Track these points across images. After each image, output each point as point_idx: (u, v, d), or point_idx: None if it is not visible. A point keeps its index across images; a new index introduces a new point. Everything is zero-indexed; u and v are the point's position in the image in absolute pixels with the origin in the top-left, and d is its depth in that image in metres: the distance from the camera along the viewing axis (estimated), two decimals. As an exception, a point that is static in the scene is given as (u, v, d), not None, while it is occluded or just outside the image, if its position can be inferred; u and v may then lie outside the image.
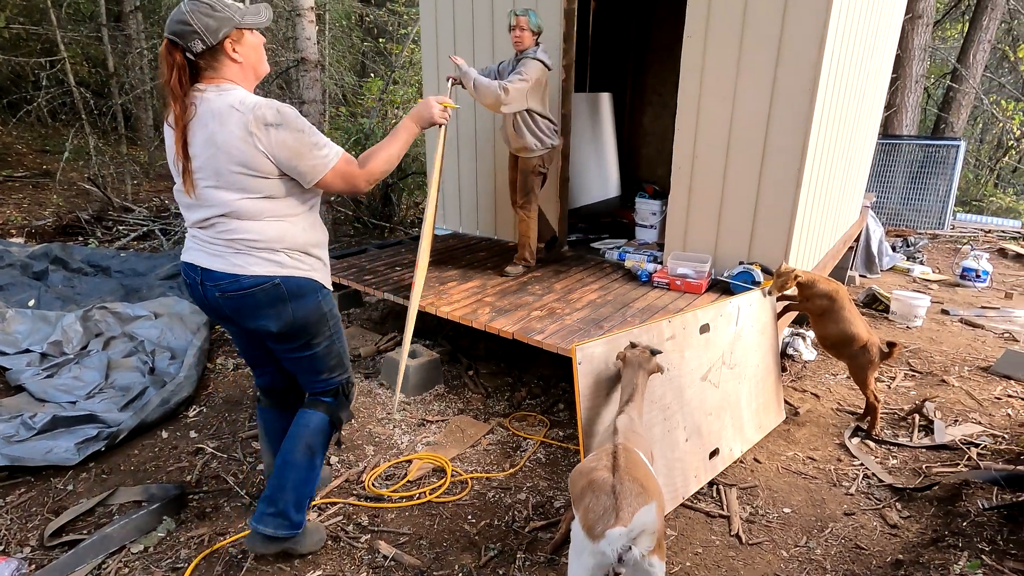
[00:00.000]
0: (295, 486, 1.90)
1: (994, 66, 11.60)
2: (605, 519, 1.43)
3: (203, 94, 1.61)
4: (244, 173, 1.60)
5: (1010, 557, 1.90)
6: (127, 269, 4.65)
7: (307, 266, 1.78)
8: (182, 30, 1.56)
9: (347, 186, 1.71)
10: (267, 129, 1.57)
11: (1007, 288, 5.60)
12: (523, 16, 3.36)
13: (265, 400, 2.12)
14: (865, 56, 4.00)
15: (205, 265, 1.70)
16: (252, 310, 1.72)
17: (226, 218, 1.65)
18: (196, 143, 1.61)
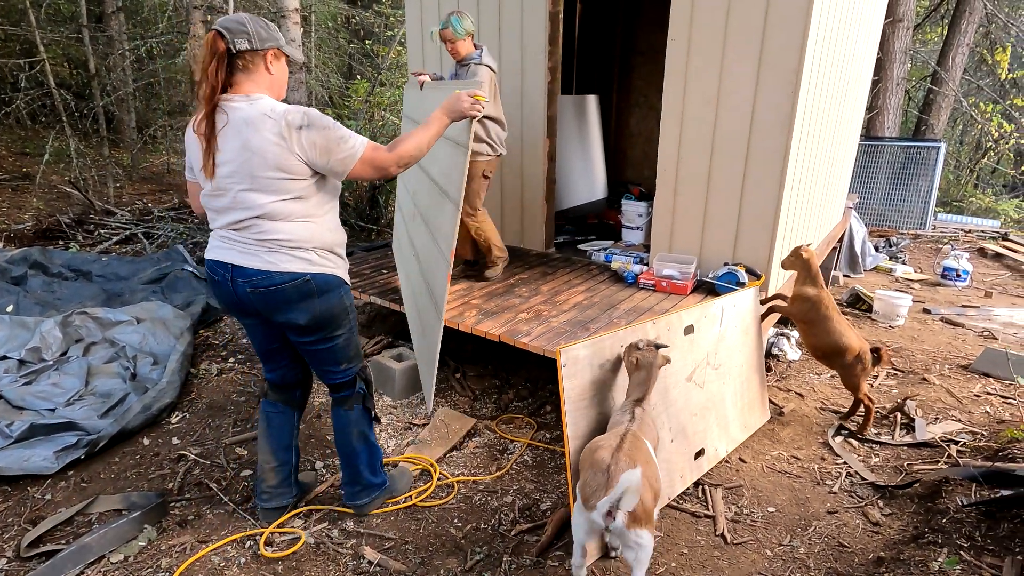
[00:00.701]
0: (366, 464, 2.20)
1: (973, 69, 11.82)
2: (598, 493, 1.66)
3: (233, 103, 1.73)
4: (278, 177, 1.73)
5: (988, 552, 1.93)
6: (109, 273, 4.58)
7: (332, 264, 1.93)
8: (235, 27, 1.72)
9: (377, 172, 1.83)
10: (298, 132, 1.70)
11: (987, 287, 5.70)
12: (445, 29, 3.18)
13: (273, 395, 2.19)
14: (846, 59, 4.06)
15: (237, 263, 1.82)
16: (283, 304, 1.86)
17: (260, 220, 1.78)
18: (228, 149, 1.72)
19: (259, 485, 2.21)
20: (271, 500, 2.21)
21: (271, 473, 2.19)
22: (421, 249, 2.89)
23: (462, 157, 2.22)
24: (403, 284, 3.39)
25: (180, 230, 5.87)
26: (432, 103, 3.14)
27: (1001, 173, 13.21)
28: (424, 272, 2.75)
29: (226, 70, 1.72)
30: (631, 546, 1.67)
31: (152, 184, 8.70)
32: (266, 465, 2.19)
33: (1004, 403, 3.22)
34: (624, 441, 1.81)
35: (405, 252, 3.36)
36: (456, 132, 2.34)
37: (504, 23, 4.04)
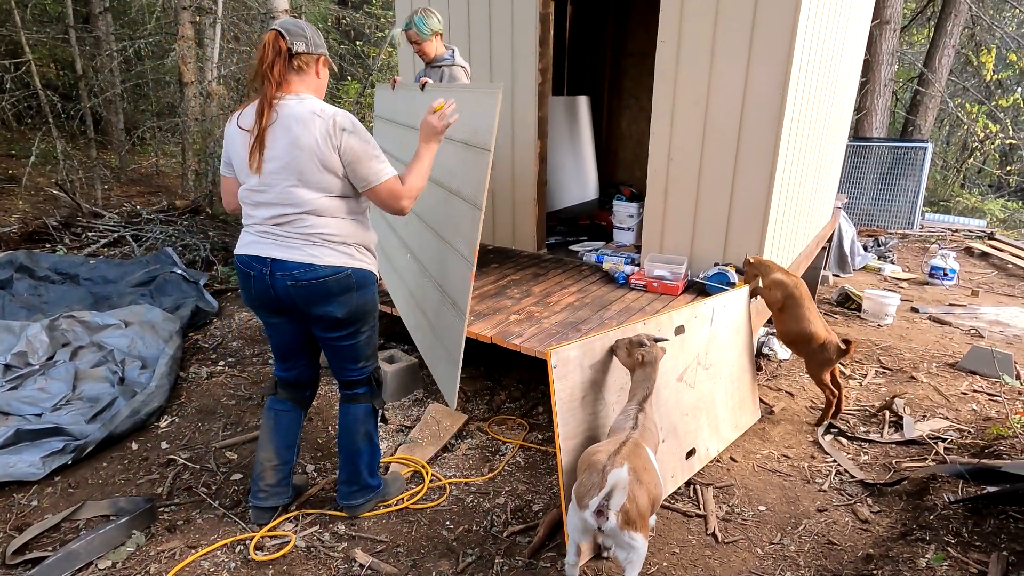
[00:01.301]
0: (366, 464, 2.22)
1: (959, 70, 11.97)
2: (591, 492, 1.69)
3: (283, 101, 1.80)
4: (325, 174, 1.81)
5: (974, 549, 1.95)
6: (97, 276, 4.53)
7: (369, 260, 2.02)
8: (294, 30, 1.82)
9: (392, 201, 1.90)
10: (342, 133, 1.79)
11: (973, 286, 5.77)
12: (409, 30, 3.01)
13: (283, 392, 2.21)
14: (834, 60, 4.09)
15: (278, 256, 1.87)
16: (323, 296, 1.91)
17: (307, 215, 1.85)
18: (277, 146, 1.79)
19: (256, 483, 2.19)
20: (268, 499, 2.19)
21: (271, 472, 2.18)
22: (423, 250, 2.85)
23: (480, 158, 2.21)
24: (393, 285, 3.38)
25: (169, 232, 5.82)
26: (404, 104, 3.11)
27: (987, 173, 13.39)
28: (433, 273, 2.72)
29: (284, 68, 1.81)
30: (624, 547, 1.68)
31: (141, 186, 8.63)
32: (267, 463, 2.17)
33: (990, 400, 3.26)
34: (623, 447, 1.82)
35: (394, 254, 3.35)
36: (464, 134, 2.32)
37: (494, 25, 4.04)
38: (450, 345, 2.48)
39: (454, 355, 2.43)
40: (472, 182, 2.28)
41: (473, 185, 2.26)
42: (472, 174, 2.29)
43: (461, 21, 4.20)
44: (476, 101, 2.24)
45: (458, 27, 4.23)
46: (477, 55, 4.17)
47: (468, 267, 2.29)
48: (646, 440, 1.92)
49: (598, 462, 1.77)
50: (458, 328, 2.39)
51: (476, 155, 2.26)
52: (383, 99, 3.63)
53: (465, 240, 2.34)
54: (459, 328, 2.38)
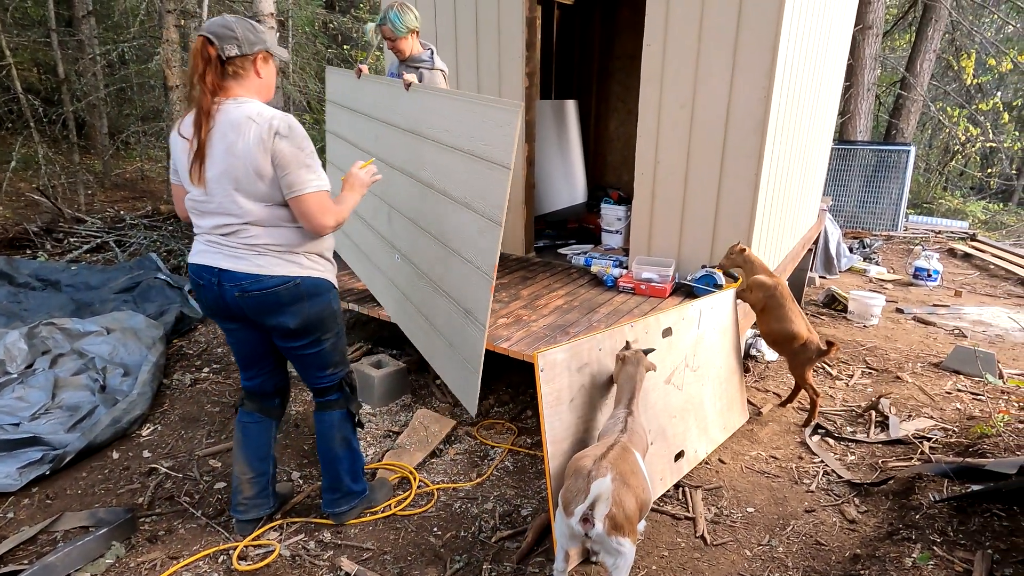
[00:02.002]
0: (347, 470, 2.17)
1: (940, 74, 12.18)
2: (576, 500, 1.68)
3: (222, 106, 1.73)
4: (260, 180, 1.73)
5: (959, 547, 1.96)
6: (78, 283, 4.45)
7: (321, 267, 1.94)
8: (223, 32, 1.71)
9: (318, 215, 1.78)
10: (275, 137, 1.71)
11: (956, 286, 5.85)
12: (384, 26, 2.84)
13: (250, 404, 2.14)
14: (818, 64, 4.14)
15: (225, 267, 1.81)
16: (273, 307, 1.86)
17: (249, 225, 1.79)
18: (215, 153, 1.72)
19: (235, 497, 2.16)
20: (248, 512, 2.16)
21: (247, 484, 2.14)
22: (418, 254, 2.80)
23: (498, 175, 2.15)
24: (379, 287, 3.33)
25: (153, 238, 5.75)
26: (375, 97, 3.04)
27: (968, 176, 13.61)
28: (433, 278, 2.67)
29: (218, 76, 1.73)
30: (611, 552, 1.67)
31: (125, 191, 8.52)
32: (242, 476, 2.13)
33: (974, 399, 3.30)
34: (610, 451, 1.81)
35: (376, 254, 3.30)
36: (483, 149, 2.22)
37: (481, 28, 4.04)
38: (469, 355, 2.43)
39: (473, 364, 2.40)
40: (488, 197, 2.22)
41: (490, 201, 2.21)
42: (488, 189, 2.21)
43: (448, 24, 4.19)
44: (494, 119, 2.17)
45: (445, 30, 4.22)
46: (464, 58, 4.17)
47: (487, 281, 2.26)
48: (635, 444, 1.92)
49: (583, 468, 1.75)
50: (478, 339, 2.36)
51: (491, 170, 2.20)
52: (341, 84, 3.52)
53: (482, 254, 2.29)
54: (479, 339, 2.35)
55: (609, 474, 1.69)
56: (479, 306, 2.34)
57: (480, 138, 2.25)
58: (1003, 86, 14.35)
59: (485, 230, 2.26)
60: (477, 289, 2.34)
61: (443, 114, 2.45)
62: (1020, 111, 13.13)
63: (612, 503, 1.65)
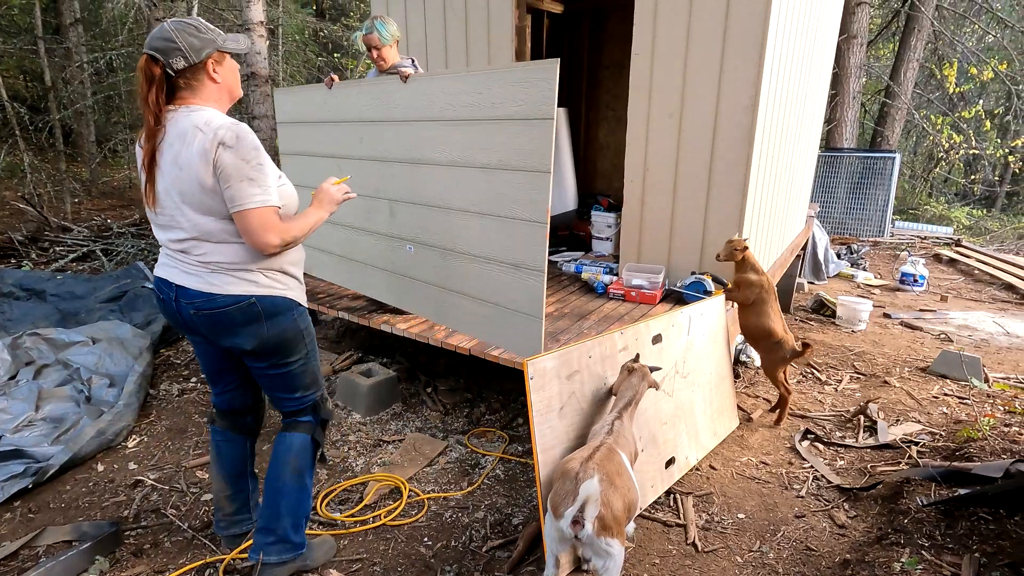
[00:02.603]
0: (290, 510, 1.91)
1: (923, 83, 12.40)
2: (566, 502, 1.68)
3: (174, 114, 1.64)
4: (207, 195, 1.62)
5: (947, 551, 1.98)
6: (64, 292, 4.40)
7: (283, 285, 1.79)
8: (165, 46, 1.60)
9: (260, 232, 1.63)
10: (220, 147, 1.58)
11: (942, 291, 5.92)
12: (369, 34, 2.95)
13: (221, 421, 2.03)
14: (804, 73, 4.20)
15: (180, 283, 1.72)
16: (227, 328, 1.74)
17: (198, 241, 1.67)
18: (164, 163, 1.63)
19: (216, 514, 2.12)
20: (229, 528, 2.11)
21: (226, 501, 2.08)
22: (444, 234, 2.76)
23: (540, 128, 2.20)
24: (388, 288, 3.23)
25: (141, 246, 5.70)
26: (350, 101, 3.01)
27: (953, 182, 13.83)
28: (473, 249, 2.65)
29: (168, 91, 1.63)
30: (600, 554, 1.68)
31: (113, 199, 8.45)
32: (221, 494, 2.08)
33: (960, 403, 3.33)
34: (596, 452, 1.83)
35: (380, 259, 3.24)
36: (519, 109, 2.26)
37: (471, 37, 4.07)
38: (526, 306, 2.44)
39: (534, 311, 2.41)
40: (532, 151, 2.28)
41: (536, 153, 2.26)
42: (529, 144, 2.28)
43: (437, 33, 4.21)
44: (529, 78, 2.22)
45: (434, 38, 4.24)
46: (453, 66, 4.18)
47: (541, 228, 2.32)
48: (621, 446, 1.93)
49: (571, 470, 1.76)
50: (535, 286, 2.38)
51: (530, 126, 2.26)
52: (300, 102, 3.41)
53: (532, 206, 2.33)
54: (536, 286, 2.38)
55: (596, 475, 1.70)
56: (531, 255, 2.37)
57: (514, 100, 2.27)
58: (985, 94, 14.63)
59: (534, 182, 2.29)
60: (527, 241, 2.37)
61: (464, 91, 2.46)
62: (1002, 119, 13.37)
63: (600, 504, 1.65)
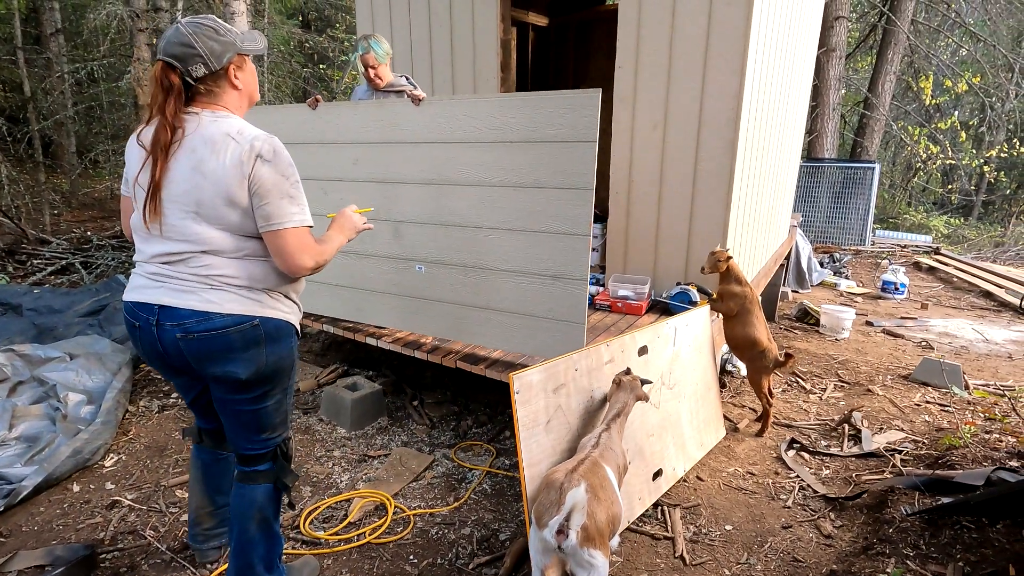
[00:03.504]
0: (261, 558, 1.78)
1: (900, 95, 12.69)
2: (550, 512, 1.68)
3: (196, 118, 1.51)
4: (230, 207, 1.50)
5: (932, 560, 1.99)
6: (41, 306, 4.30)
7: (287, 308, 1.68)
8: (184, 52, 1.47)
9: (297, 254, 1.54)
10: (258, 160, 1.49)
11: (922, 299, 6.02)
12: (367, 54, 3.01)
13: (209, 441, 1.94)
14: (785, 86, 4.27)
15: (168, 303, 1.53)
16: (222, 353, 1.56)
17: (204, 254, 1.53)
18: (178, 169, 1.49)
19: (193, 529, 2.05)
20: (207, 541, 2.05)
21: (206, 516, 2.02)
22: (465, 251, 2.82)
23: (583, 149, 2.40)
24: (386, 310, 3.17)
25: (122, 259, 5.61)
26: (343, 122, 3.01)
27: (931, 191, 14.13)
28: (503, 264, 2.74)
29: (185, 99, 1.51)
30: (584, 566, 1.67)
31: (93, 211, 8.32)
32: (201, 510, 2.01)
33: (942, 411, 3.38)
34: (581, 464, 1.83)
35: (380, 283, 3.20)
36: (561, 132, 2.43)
37: (456, 50, 4.08)
38: (568, 314, 2.60)
39: (576, 318, 2.59)
40: (573, 171, 2.46)
41: (577, 173, 2.45)
42: (571, 165, 2.46)
43: (423, 45, 4.23)
44: (572, 104, 2.41)
45: (420, 51, 4.26)
46: (440, 79, 4.19)
47: (582, 241, 2.49)
48: (606, 459, 1.92)
49: (556, 480, 1.76)
50: (578, 295, 2.56)
51: (572, 148, 2.44)
52: (279, 123, 3.27)
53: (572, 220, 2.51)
54: (578, 294, 2.56)
55: (583, 484, 1.70)
56: (573, 266, 2.53)
57: (552, 124, 2.45)
58: (960, 106, 15.02)
59: (575, 199, 2.46)
60: (569, 252, 2.53)
61: (493, 114, 2.58)
62: (976, 130, 13.73)
63: (588, 515, 1.65)
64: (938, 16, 11.72)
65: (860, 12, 12.38)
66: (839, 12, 9.02)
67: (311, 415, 3.27)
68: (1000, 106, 12.14)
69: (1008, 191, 14.63)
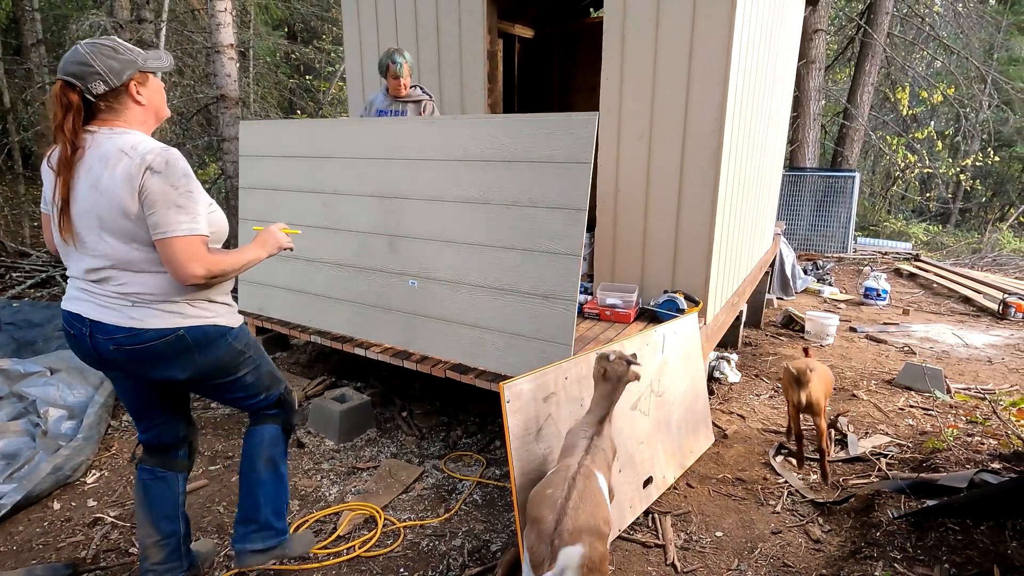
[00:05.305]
0: (269, 499, 1.92)
1: (878, 105, 12.99)
2: (544, 564, 1.62)
3: (94, 136, 1.56)
4: (129, 221, 1.54)
5: (918, 563, 2.01)
6: (20, 320, 4.22)
7: (211, 312, 1.72)
8: (82, 71, 1.52)
9: (182, 263, 1.54)
10: (147, 172, 1.52)
11: (904, 305, 6.13)
12: (404, 63, 3.47)
13: (150, 459, 1.89)
14: (766, 96, 4.35)
15: (96, 318, 1.61)
16: (155, 361, 1.65)
17: (116, 270, 1.59)
18: (80, 187, 1.55)
19: (142, 564, 1.87)
20: None
21: (155, 549, 1.86)
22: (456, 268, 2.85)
23: (578, 170, 2.47)
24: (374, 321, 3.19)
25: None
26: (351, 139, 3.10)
27: (909, 200, 14.44)
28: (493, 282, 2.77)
29: (85, 117, 1.55)
30: None
31: (74, 223, 8.19)
32: (147, 540, 1.86)
33: (925, 415, 3.43)
34: (572, 492, 1.71)
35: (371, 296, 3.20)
36: (557, 153, 2.50)
37: (443, 61, 4.11)
38: (554, 333, 2.62)
39: (563, 339, 2.61)
40: (568, 192, 2.52)
41: (572, 194, 2.51)
42: (566, 186, 2.52)
43: (410, 56, 4.24)
44: (568, 127, 2.49)
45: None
46: (428, 89, 4.21)
47: (574, 261, 2.54)
48: (598, 464, 1.85)
49: (546, 527, 1.66)
50: (564, 315, 2.59)
51: (567, 169, 2.51)
52: (280, 137, 3.38)
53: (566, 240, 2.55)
54: (565, 314, 2.58)
55: (579, 544, 1.61)
56: (563, 286, 2.57)
57: (549, 145, 2.52)
58: (936, 116, 15.40)
59: (568, 218, 2.50)
60: (560, 272, 2.56)
61: (494, 134, 2.67)
62: (952, 139, 14.08)
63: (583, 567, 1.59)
64: (913, 29, 12.04)
65: (838, 25, 12.69)
66: (818, 25, 9.24)
67: (299, 427, 3.23)
68: (974, 116, 12.48)
69: (984, 199, 15.00)
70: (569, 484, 1.75)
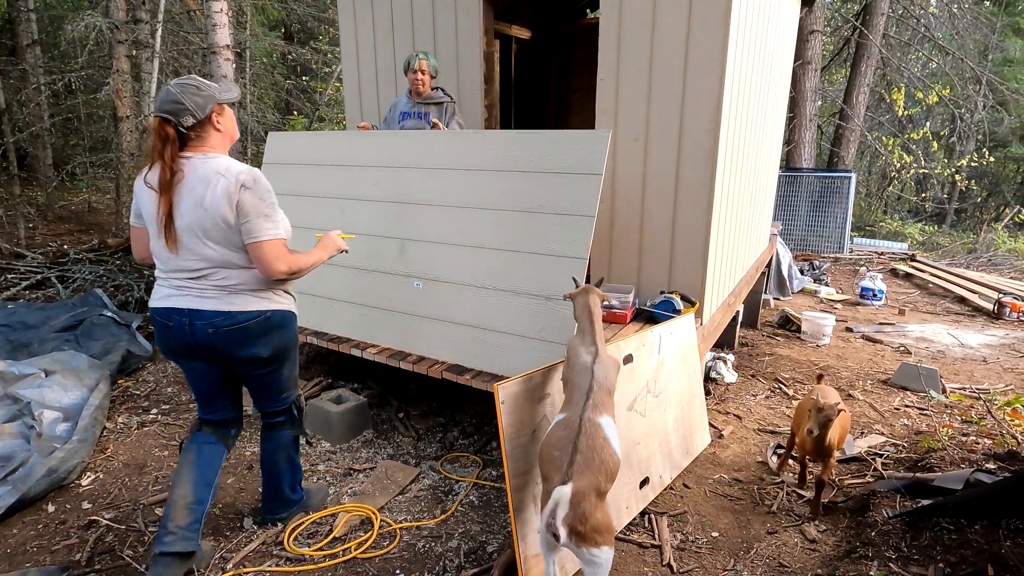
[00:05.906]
0: (288, 483, 2.39)
1: (874, 106, 13.04)
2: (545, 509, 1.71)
3: (190, 160, 1.89)
4: (228, 229, 1.89)
5: (913, 563, 2.02)
6: (15, 322, 4.20)
7: (287, 300, 2.14)
8: (175, 108, 1.86)
9: (271, 261, 1.92)
10: (242, 189, 1.88)
11: (900, 305, 6.15)
12: (425, 59, 3.54)
13: (208, 428, 2.21)
14: (762, 97, 4.36)
15: (196, 307, 1.95)
16: (245, 340, 2.01)
17: (219, 268, 1.95)
18: (184, 204, 1.88)
19: (164, 526, 1.96)
20: (175, 543, 1.94)
21: (184, 511, 1.99)
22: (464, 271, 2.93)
23: (589, 180, 2.64)
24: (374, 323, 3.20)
25: (99, 272, 5.50)
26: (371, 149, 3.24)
27: (905, 200, 14.48)
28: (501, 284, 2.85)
29: (181, 145, 1.89)
30: (586, 562, 1.68)
31: (70, 224, 8.16)
32: (181, 500, 2.00)
33: (921, 415, 3.44)
34: (576, 450, 1.75)
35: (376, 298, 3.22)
36: (580, 165, 2.66)
37: (440, 62, 4.11)
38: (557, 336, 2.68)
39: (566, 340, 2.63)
40: (578, 200, 2.67)
41: (581, 202, 2.66)
42: (577, 194, 2.68)
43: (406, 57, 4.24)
44: (583, 142, 2.69)
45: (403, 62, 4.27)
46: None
47: (581, 264, 2.65)
48: (600, 408, 1.88)
49: (552, 477, 1.77)
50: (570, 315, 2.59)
51: (579, 179, 2.68)
52: (306, 147, 3.52)
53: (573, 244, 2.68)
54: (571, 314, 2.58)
55: (570, 484, 1.68)
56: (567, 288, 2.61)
57: (562, 158, 2.71)
58: (931, 117, 15.47)
59: (577, 224, 2.64)
60: (566, 274, 2.64)
61: (511, 147, 2.84)
62: (947, 140, 14.14)
63: (578, 519, 1.63)
64: (908, 30, 12.09)
65: (834, 26, 12.73)
66: (814, 26, 9.27)
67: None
68: (969, 117, 12.54)
69: (979, 199, 15.06)
70: (574, 443, 1.79)
